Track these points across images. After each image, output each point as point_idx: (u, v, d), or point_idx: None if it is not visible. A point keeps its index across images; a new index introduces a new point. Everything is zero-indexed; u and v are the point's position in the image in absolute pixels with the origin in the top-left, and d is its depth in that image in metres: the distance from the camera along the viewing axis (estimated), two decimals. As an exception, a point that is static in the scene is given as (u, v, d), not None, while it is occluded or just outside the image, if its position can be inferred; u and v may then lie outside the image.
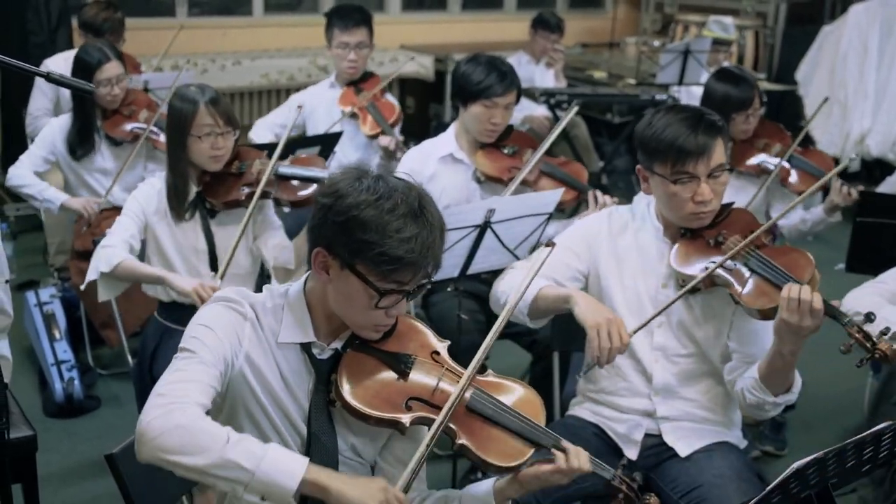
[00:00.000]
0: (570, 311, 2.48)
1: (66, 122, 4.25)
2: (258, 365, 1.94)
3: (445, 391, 1.95)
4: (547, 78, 6.56)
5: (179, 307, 3.25)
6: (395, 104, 4.56)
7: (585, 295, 2.51)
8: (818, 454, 1.63)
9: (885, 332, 2.32)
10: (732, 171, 2.62)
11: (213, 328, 1.89)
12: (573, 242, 2.69)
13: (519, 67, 4.92)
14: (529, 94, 6.22)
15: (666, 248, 2.59)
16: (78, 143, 4.22)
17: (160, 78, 4.89)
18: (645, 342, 2.59)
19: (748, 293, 2.42)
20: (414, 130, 7.74)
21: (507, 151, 3.59)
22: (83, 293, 4.17)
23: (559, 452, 1.98)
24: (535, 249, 3.20)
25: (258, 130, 4.58)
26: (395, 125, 4.42)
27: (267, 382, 1.95)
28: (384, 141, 4.29)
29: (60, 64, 4.91)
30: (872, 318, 2.31)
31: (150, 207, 3.21)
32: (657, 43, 8.16)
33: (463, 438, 1.93)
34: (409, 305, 2.37)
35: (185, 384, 1.79)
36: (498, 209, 2.96)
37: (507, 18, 8.73)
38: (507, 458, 1.95)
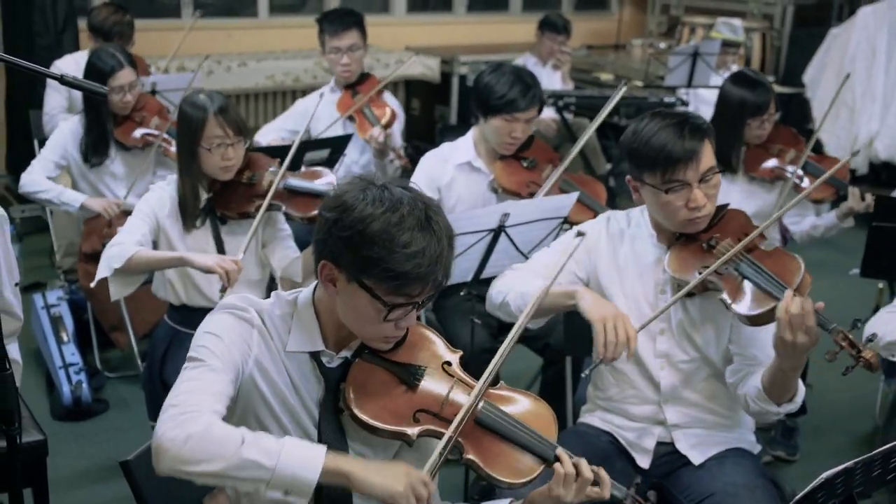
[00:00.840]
0: (573, 307, 2.47)
1: (76, 125, 4.24)
2: (268, 370, 1.93)
3: (455, 404, 1.93)
4: (554, 80, 6.54)
5: (190, 310, 3.24)
6: (388, 105, 4.50)
7: (591, 291, 2.51)
8: (848, 464, 1.61)
9: (871, 338, 2.33)
10: (723, 172, 2.58)
11: (220, 336, 1.88)
12: (572, 247, 2.66)
13: (526, 70, 4.90)
14: (537, 96, 6.19)
15: (662, 253, 2.57)
16: (93, 151, 4.21)
17: (168, 80, 4.89)
18: (648, 349, 2.58)
19: (738, 300, 2.41)
20: (419, 132, 7.74)
21: (525, 165, 3.55)
22: (92, 295, 4.18)
23: (556, 464, 1.96)
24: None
25: (265, 136, 4.56)
26: (389, 125, 4.38)
27: (277, 388, 1.94)
28: (374, 132, 4.25)
29: (71, 65, 4.90)
30: (859, 325, 2.31)
31: (162, 211, 3.19)
32: (663, 45, 8.15)
33: (471, 454, 1.91)
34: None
35: (196, 394, 1.78)
36: (512, 213, 2.94)
37: (512, 20, 8.72)
38: (515, 474, 1.93)
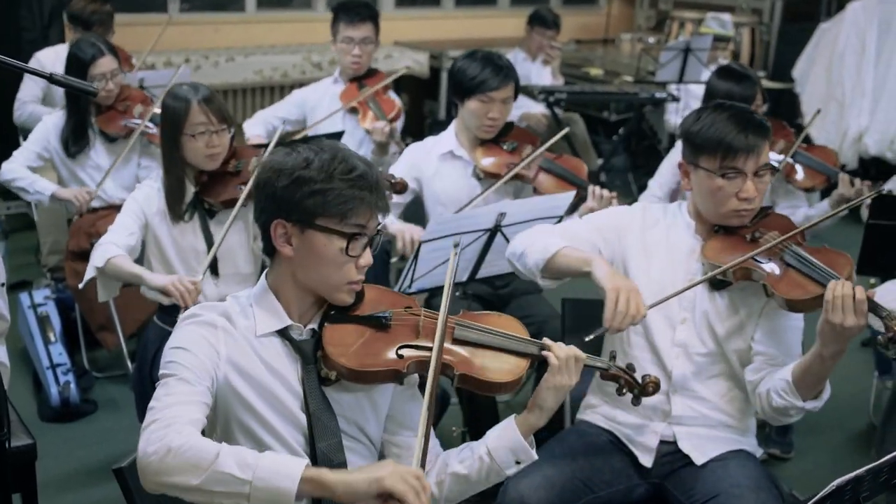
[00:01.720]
0: (587, 274, 2.46)
1: (59, 119, 4.21)
2: (241, 365, 1.95)
3: (429, 332, 2.00)
4: (544, 75, 6.51)
5: (179, 311, 3.19)
6: (396, 101, 4.51)
7: (608, 262, 2.50)
8: (859, 472, 1.59)
9: None
10: (776, 172, 2.61)
11: (187, 348, 1.91)
12: (604, 225, 2.67)
13: (515, 65, 4.84)
14: (528, 91, 6.17)
15: (697, 244, 2.58)
16: (73, 139, 4.17)
17: (156, 76, 4.85)
18: (667, 336, 2.56)
19: (782, 283, 2.41)
20: (408, 127, 7.68)
21: (506, 147, 3.54)
22: (79, 295, 4.13)
23: (548, 353, 2.03)
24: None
25: (253, 121, 4.52)
26: (394, 120, 4.36)
27: (254, 380, 1.95)
28: (377, 125, 4.22)
29: (51, 56, 4.88)
30: None
31: (150, 209, 3.15)
32: (652, 39, 8.13)
33: (460, 369, 1.98)
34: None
35: (173, 407, 1.80)
36: (509, 213, 2.92)
37: (500, 14, 8.69)
38: (506, 374, 2.01)
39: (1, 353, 2.47)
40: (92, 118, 4.20)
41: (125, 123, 4.21)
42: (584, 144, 6.81)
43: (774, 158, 3.81)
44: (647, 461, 2.58)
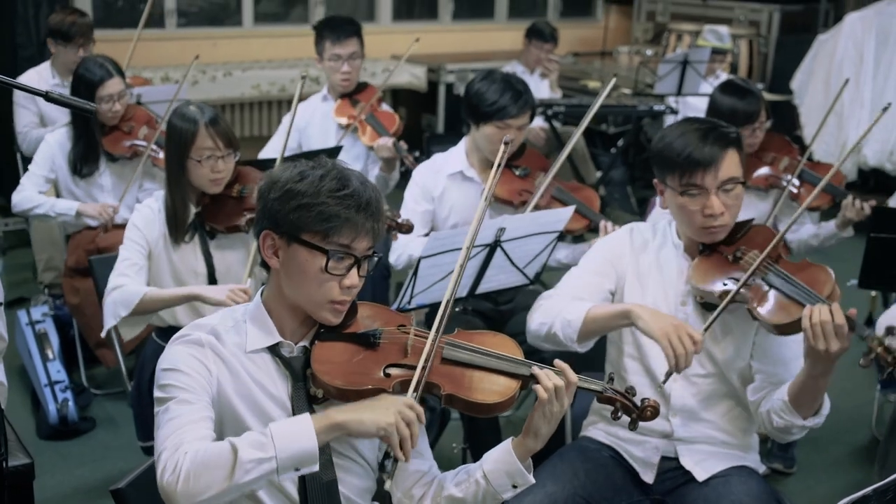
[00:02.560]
0: (629, 325, 2.42)
1: (63, 137, 4.18)
2: (230, 382, 1.95)
3: (418, 351, 1.98)
4: (542, 89, 6.51)
5: (176, 330, 3.17)
6: (393, 113, 4.50)
7: (643, 306, 2.43)
8: (866, 491, 1.57)
9: (892, 331, 2.28)
10: (745, 185, 2.57)
11: (179, 368, 1.92)
12: (598, 265, 2.64)
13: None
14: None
15: (686, 265, 2.55)
16: (84, 162, 4.15)
17: (153, 92, 4.82)
18: (663, 361, 2.52)
19: (766, 309, 2.38)
20: (406, 142, 7.66)
21: (518, 173, 3.52)
22: (77, 312, 4.11)
23: (536, 386, 1.98)
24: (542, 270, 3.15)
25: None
26: (396, 134, 4.35)
27: (243, 396, 1.96)
28: (381, 141, 4.20)
29: (33, 78, 4.82)
30: (894, 331, 2.27)
31: (151, 234, 3.12)
32: (650, 52, 8.13)
33: (448, 389, 1.96)
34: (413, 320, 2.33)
35: (179, 431, 1.82)
36: (508, 228, 2.90)
37: (498, 28, 8.69)
38: (495, 395, 1.97)
39: (-1, 372, 2.46)
40: (99, 139, 4.17)
41: (129, 144, 4.19)
42: (583, 158, 6.80)
43: (781, 177, 3.80)
44: (648, 477, 2.56)
